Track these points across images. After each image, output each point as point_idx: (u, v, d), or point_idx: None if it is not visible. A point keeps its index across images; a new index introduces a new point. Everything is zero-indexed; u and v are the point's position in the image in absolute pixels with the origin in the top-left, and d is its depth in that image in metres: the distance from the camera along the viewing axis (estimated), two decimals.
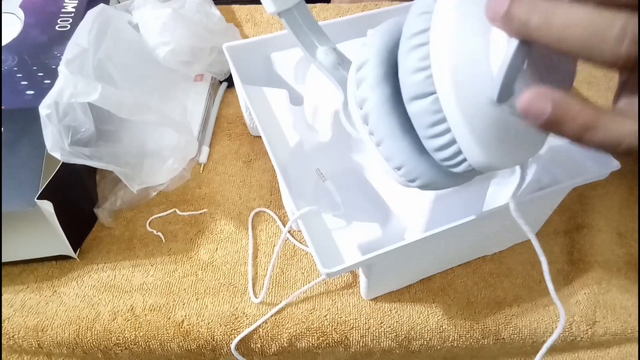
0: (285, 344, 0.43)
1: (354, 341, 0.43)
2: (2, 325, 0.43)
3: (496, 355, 0.45)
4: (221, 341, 0.43)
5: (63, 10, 0.57)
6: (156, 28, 0.55)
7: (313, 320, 0.43)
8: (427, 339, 0.43)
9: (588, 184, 0.41)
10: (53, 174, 0.42)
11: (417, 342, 0.43)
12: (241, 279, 0.46)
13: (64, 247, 0.45)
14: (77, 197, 0.48)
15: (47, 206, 0.41)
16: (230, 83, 0.64)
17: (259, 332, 0.43)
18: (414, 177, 0.26)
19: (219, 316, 0.43)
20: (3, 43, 0.53)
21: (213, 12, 0.66)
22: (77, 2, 0.58)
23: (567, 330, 0.43)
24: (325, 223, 0.40)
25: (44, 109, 0.42)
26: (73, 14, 0.57)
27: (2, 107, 0.46)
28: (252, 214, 0.51)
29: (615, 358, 0.45)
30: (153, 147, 0.52)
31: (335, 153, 0.47)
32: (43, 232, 0.43)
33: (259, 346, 0.43)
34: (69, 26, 0.55)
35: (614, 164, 0.39)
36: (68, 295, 0.45)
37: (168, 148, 0.51)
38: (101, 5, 0.52)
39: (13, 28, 0.54)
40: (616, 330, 0.43)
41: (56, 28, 0.55)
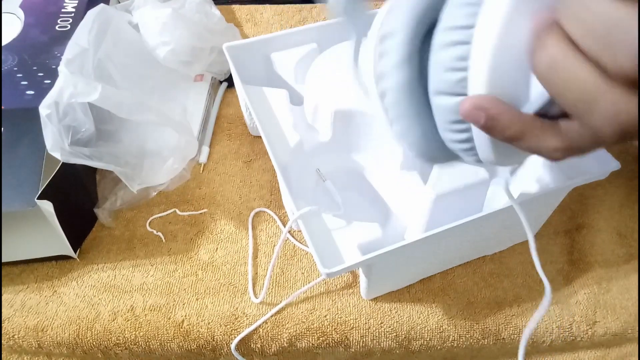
0: (285, 344, 0.43)
1: (354, 341, 0.43)
2: (2, 325, 0.43)
3: (496, 355, 0.45)
4: (221, 341, 0.43)
5: (63, 10, 0.57)
6: (156, 28, 0.55)
7: (313, 320, 0.43)
8: (427, 339, 0.43)
9: (588, 184, 0.41)
10: (53, 174, 0.42)
11: (417, 342, 0.43)
12: (241, 279, 0.46)
13: (64, 247, 0.45)
14: (77, 197, 0.48)
15: (47, 206, 0.41)
16: (230, 83, 0.64)
17: (259, 332, 0.43)
18: (422, 154, 0.26)
19: (219, 316, 0.43)
20: (3, 43, 0.53)
21: (213, 12, 0.66)
22: (77, 2, 0.58)
23: (567, 330, 0.43)
24: (325, 223, 0.40)
25: (44, 109, 0.42)
26: (73, 14, 0.57)
27: (2, 107, 0.46)
28: (252, 214, 0.51)
29: (615, 358, 0.45)
30: (153, 147, 0.52)
31: (335, 153, 0.47)
32: (43, 232, 0.43)
33: (259, 346, 0.43)
34: (69, 26, 0.55)
35: (614, 164, 0.39)
36: (68, 295, 0.45)
37: (168, 148, 0.51)
38: (101, 5, 0.52)
39: (13, 28, 0.54)
40: (616, 330, 0.43)
41: (56, 28, 0.55)
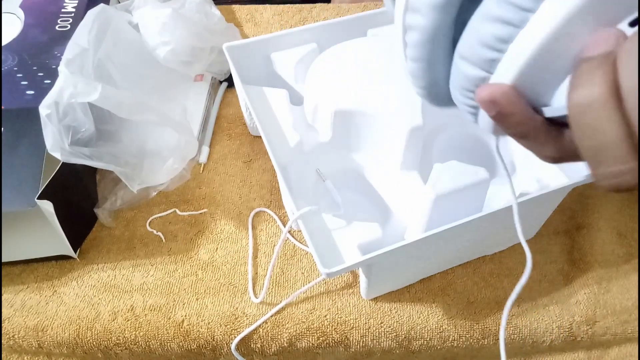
0: (285, 344, 0.43)
1: (354, 341, 0.43)
2: (2, 325, 0.43)
3: (496, 355, 0.45)
4: (221, 341, 0.43)
5: (63, 10, 0.57)
6: (156, 28, 0.55)
7: (313, 320, 0.43)
8: (427, 339, 0.43)
9: (588, 184, 0.41)
10: (53, 174, 0.42)
11: (417, 342, 0.43)
12: (241, 279, 0.46)
13: (64, 247, 0.45)
14: (77, 197, 0.48)
15: (47, 206, 0.41)
16: (230, 83, 0.64)
17: (259, 332, 0.43)
18: (427, 96, 0.26)
19: (219, 316, 0.43)
20: (3, 43, 0.53)
21: (213, 12, 0.66)
22: (77, 2, 0.58)
23: (567, 330, 0.43)
24: (325, 223, 0.40)
25: (44, 109, 0.42)
26: (73, 14, 0.57)
27: (2, 107, 0.46)
28: (252, 214, 0.51)
29: (615, 358, 0.45)
30: (153, 147, 0.52)
31: (335, 153, 0.47)
32: (43, 232, 0.43)
33: (259, 346, 0.43)
34: (69, 26, 0.55)
35: None
36: (68, 295, 0.45)
37: (168, 148, 0.51)
38: (101, 5, 0.52)
39: (13, 28, 0.54)
40: (616, 330, 0.43)
41: (56, 28, 0.55)
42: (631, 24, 0.17)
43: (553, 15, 0.17)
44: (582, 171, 0.40)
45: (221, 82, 0.64)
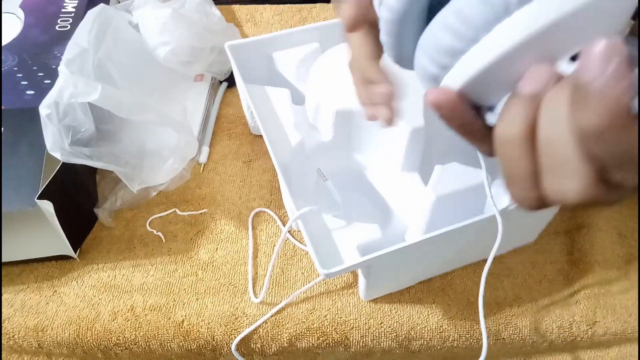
0: (285, 344, 0.43)
1: (354, 341, 0.43)
2: (2, 325, 0.43)
3: (496, 355, 0.45)
4: (221, 341, 0.43)
5: (63, 10, 0.57)
6: (156, 28, 0.55)
7: (313, 320, 0.43)
8: (427, 339, 0.43)
9: None
10: (53, 174, 0.42)
11: (417, 342, 0.43)
12: (241, 279, 0.46)
13: (64, 247, 0.45)
14: (77, 197, 0.48)
15: (47, 206, 0.41)
16: (230, 83, 0.64)
17: (259, 332, 0.43)
18: (398, 63, 0.26)
19: (219, 316, 0.43)
20: (3, 43, 0.53)
21: (213, 12, 0.66)
22: (77, 2, 0.58)
23: (567, 330, 0.43)
24: (325, 223, 0.40)
25: (44, 109, 0.42)
26: (73, 14, 0.57)
27: (2, 107, 0.46)
28: (252, 214, 0.51)
29: (615, 358, 0.45)
30: (153, 147, 0.52)
31: (336, 152, 0.47)
32: (43, 232, 0.43)
33: (259, 346, 0.43)
34: (69, 26, 0.55)
35: None
36: (68, 295, 0.45)
37: (168, 148, 0.51)
38: (101, 5, 0.52)
39: (13, 28, 0.54)
40: (616, 330, 0.43)
41: (56, 28, 0.55)
42: (572, 58, 0.18)
43: (500, 42, 0.18)
44: None
45: (221, 82, 0.64)
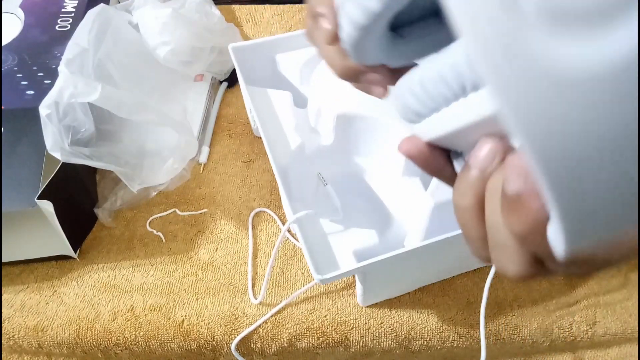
0: (285, 344, 0.43)
1: (354, 341, 0.43)
2: (2, 325, 0.43)
3: (496, 355, 0.45)
4: (221, 341, 0.43)
5: (63, 10, 0.57)
6: (156, 28, 0.55)
7: (313, 320, 0.43)
8: (427, 339, 0.43)
9: None
10: (53, 174, 0.42)
11: (417, 343, 0.43)
12: (241, 279, 0.46)
13: (64, 247, 0.45)
14: (77, 197, 0.48)
15: (47, 206, 0.41)
16: (230, 83, 0.64)
17: (259, 332, 0.43)
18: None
19: (219, 316, 0.43)
20: (3, 43, 0.53)
21: (213, 12, 0.66)
22: (77, 2, 0.58)
23: (567, 330, 0.43)
24: (322, 227, 0.40)
25: (44, 109, 0.42)
26: (73, 14, 0.57)
27: (2, 107, 0.46)
28: (252, 214, 0.51)
29: (615, 358, 0.45)
30: (153, 147, 0.52)
31: (337, 157, 0.47)
32: (43, 232, 0.43)
33: (259, 346, 0.43)
34: (69, 26, 0.55)
35: None
36: (68, 295, 0.45)
37: (168, 148, 0.51)
38: (101, 5, 0.52)
39: (13, 28, 0.54)
40: (616, 330, 0.43)
41: (56, 28, 0.55)
42: None
43: (456, 119, 0.19)
44: None
45: (221, 82, 0.64)
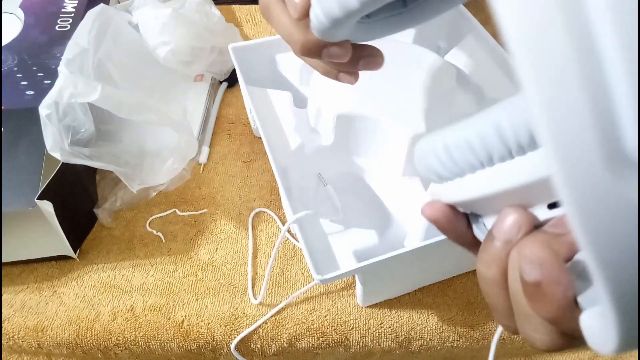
0: (285, 345, 0.43)
1: (354, 342, 0.43)
2: (2, 325, 0.43)
3: (496, 355, 0.45)
4: (221, 341, 0.43)
5: (63, 10, 0.57)
6: (156, 28, 0.55)
7: (313, 320, 0.43)
8: (427, 340, 0.43)
9: None
10: (53, 174, 0.42)
11: (417, 343, 0.43)
12: (241, 279, 0.46)
13: (64, 247, 0.45)
14: (77, 197, 0.48)
15: (47, 206, 0.41)
16: (230, 83, 0.64)
17: (259, 333, 0.43)
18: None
19: (219, 316, 0.43)
20: (3, 43, 0.53)
21: (213, 12, 0.66)
22: (77, 2, 0.58)
23: None
24: (322, 228, 0.40)
25: (44, 109, 0.42)
26: (73, 14, 0.57)
27: (2, 107, 0.46)
28: (252, 214, 0.51)
29: (615, 358, 0.45)
30: (153, 147, 0.52)
31: (337, 157, 0.47)
32: (43, 232, 0.43)
33: (259, 346, 0.43)
34: (69, 26, 0.55)
35: None
36: (68, 295, 0.45)
37: (168, 148, 0.51)
38: (101, 5, 0.52)
39: (13, 28, 0.54)
40: None
41: (56, 28, 0.55)
42: (549, 206, 0.19)
43: (481, 187, 0.19)
44: None
45: (221, 82, 0.64)
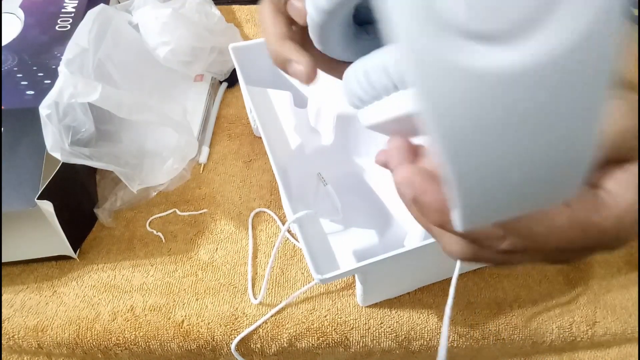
0: (285, 344, 0.43)
1: (354, 341, 0.43)
2: (2, 325, 0.43)
3: (496, 355, 0.45)
4: (221, 341, 0.43)
5: (63, 10, 0.57)
6: (156, 28, 0.55)
7: (313, 320, 0.43)
8: (427, 339, 0.43)
9: None
10: (53, 174, 0.42)
11: (417, 343, 0.43)
12: (241, 279, 0.46)
13: (64, 247, 0.45)
14: (77, 197, 0.48)
15: (47, 206, 0.41)
16: (230, 83, 0.64)
17: (259, 333, 0.43)
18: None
19: (219, 316, 0.43)
20: (3, 43, 0.53)
21: (213, 12, 0.66)
22: (77, 2, 0.58)
23: (567, 330, 0.43)
24: (322, 227, 0.40)
25: (44, 109, 0.42)
26: (73, 14, 0.57)
27: (2, 107, 0.46)
28: (252, 214, 0.51)
29: (615, 358, 0.45)
30: (153, 147, 0.52)
31: (337, 156, 0.47)
32: (43, 232, 0.43)
33: (259, 346, 0.43)
34: (69, 26, 0.55)
35: None
36: (68, 295, 0.45)
37: (168, 148, 0.51)
38: (101, 5, 0.52)
39: (13, 28, 0.54)
40: (616, 330, 0.43)
41: (56, 28, 0.55)
42: None
43: (395, 108, 0.20)
44: None
45: (221, 82, 0.64)
